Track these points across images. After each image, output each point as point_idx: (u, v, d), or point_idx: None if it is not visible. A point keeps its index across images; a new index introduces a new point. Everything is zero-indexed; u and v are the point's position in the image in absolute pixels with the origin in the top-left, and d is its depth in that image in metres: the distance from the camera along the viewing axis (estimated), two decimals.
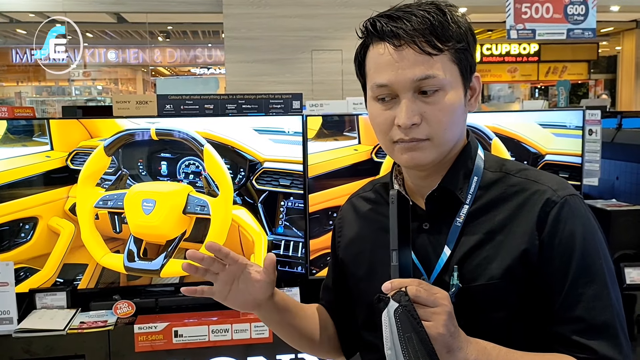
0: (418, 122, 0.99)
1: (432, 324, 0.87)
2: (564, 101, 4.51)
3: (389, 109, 1.01)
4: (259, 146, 2.28)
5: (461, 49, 1.01)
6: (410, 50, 0.97)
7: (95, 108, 5.65)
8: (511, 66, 13.27)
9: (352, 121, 2.35)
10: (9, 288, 2.12)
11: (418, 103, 0.99)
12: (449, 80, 1.00)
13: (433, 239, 1.06)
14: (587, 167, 2.56)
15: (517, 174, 1.08)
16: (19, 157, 2.19)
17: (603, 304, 0.98)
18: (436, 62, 0.98)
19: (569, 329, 0.98)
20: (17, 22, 10.29)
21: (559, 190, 1.02)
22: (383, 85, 1.00)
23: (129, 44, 12.85)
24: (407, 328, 0.84)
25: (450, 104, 1.00)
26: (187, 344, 2.16)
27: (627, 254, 2.41)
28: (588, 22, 4.93)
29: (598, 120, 2.65)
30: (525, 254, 0.99)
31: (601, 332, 0.97)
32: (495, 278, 0.99)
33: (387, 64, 0.99)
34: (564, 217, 1.00)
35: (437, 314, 0.88)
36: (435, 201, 1.07)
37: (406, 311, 0.85)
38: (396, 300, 0.86)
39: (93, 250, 2.25)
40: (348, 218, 1.25)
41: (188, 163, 2.26)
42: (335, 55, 6.88)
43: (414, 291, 0.88)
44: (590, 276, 0.98)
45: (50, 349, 2.10)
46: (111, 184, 2.25)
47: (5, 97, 12.96)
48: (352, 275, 1.20)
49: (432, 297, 0.89)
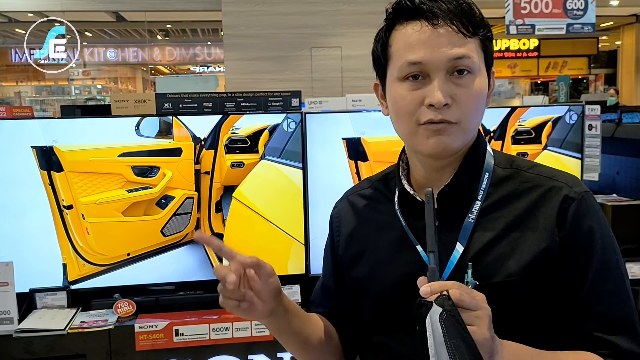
0: (450, 102, 0.97)
1: (477, 329, 0.83)
2: (564, 96, 4.51)
3: (417, 89, 0.99)
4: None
5: (488, 38, 1.02)
6: (447, 29, 0.97)
7: (94, 107, 5.65)
8: (511, 62, 13.28)
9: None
10: (9, 288, 2.12)
11: (450, 84, 0.98)
12: (478, 65, 1.00)
13: (444, 236, 1.02)
14: (587, 162, 2.55)
15: (529, 170, 1.07)
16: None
17: (621, 298, 0.98)
18: (470, 44, 0.99)
19: (590, 325, 0.98)
20: (16, 22, 10.29)
21: (574, 187, 1.02)
22: (416, 63, 0.98)
23: (128, 42, 12.86)
24: (454, 334, 0.79)
25: (479, 89, 1.00)
26: (188, 343, 2.16)
27: (629, 248, 2.42)
28: (588, 16, 4.92)
29: (598, 115, 2.64)
30: (546, 251, 0.98)
31: (621, 327, 0.97)
32: (514, 275, 0.98)
33: (422, 41, 0.98)
34: (583, 214, 1.00)
35: (480, 317, 0.84)
36: (448, 197, 1.05)
37: (451, 316, 0.80)
38: (439, 305, 0.81)
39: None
40: (346, 217, 1.22)
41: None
42: (334, 52, 6.88)
43: (457, 295, 0.83)
44: (608, 272, 0.99)
45: (51, 349, 2.10)
46: None
47: (5, 96, 12.97)
48: (354, 275, 1.17)
49: (474, 301, 0.85)
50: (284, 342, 1.15)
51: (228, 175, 2.30)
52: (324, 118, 2.37)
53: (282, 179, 2.33)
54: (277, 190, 2.33)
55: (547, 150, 2.45)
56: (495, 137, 2.41)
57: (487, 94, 1.05)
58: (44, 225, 2.21)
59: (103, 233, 2.24)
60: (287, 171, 2.32)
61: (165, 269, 2.30)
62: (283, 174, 2.32)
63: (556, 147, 2.45)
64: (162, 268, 2.30)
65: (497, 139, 2.41)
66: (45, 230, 2.21)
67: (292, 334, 1.12)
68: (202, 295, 2.33)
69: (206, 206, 2.30)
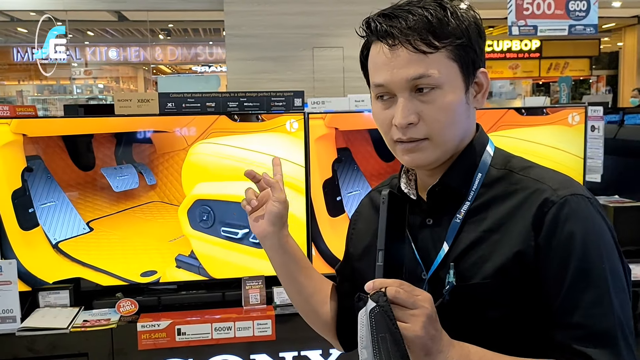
0: (415, 121, 0.98)
1: (409, 326, 0.85)
2: (565, 97, 4.51)
3: (387, 108, 1.01)
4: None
5: (461, 45, 0.98)
6: (404, 49, 0.97)
7: (96, 106, 5.66)
8: (513, 62, 13.26)
9: None
10: (12, 287, 2.12)
11: (415, 102, 0.98)
12: (446, 78, 0.98)
13: (435, 235, 1.05)
14: (590, 163, 2.55)
15: (520, 171, 1.05)
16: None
17: (603, 310, 0.94)
18: (432, 61, 0.97)
19: (566, 335, 0.95)
20: (18, 21, 10.29)
21: (559, 190, 0.99)
22: (380, 85, 1.00)
23: (130, 42, 12.86)
24: (382, 328, 0.83)
25: (448, 103, 0.98)
26: (190, 342, 2.17)
27: (630, 250, 2.42)
28: (590, 18, 4.92)
29: (600, 117, 2.64)
30: (519, 255, 0.97)
31: (600, 340, 0.93)
32: (488, 277, 0.98)
33: (383, 63, 0.99)
34: (563, 218, 0.96)
35: (415, 315, 0.86)
36: (437, 196, 1.06)
37: (382, 311, 0.84)
38: (374, 300, 0.85)
39: None
40: (364, 212, 1.25)
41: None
42: (336, 52, 6.88)
43: (393, 292, 0.86)
44: (590, 281, 0.94)
45: (54, 347, 2.11)
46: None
47: (7, 95, 12.97)
48: (358, 268, 1.20)
49: (411, 299, 0.87)
50: (280, 278, 1.23)
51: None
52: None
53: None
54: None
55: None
56: None
57: (468, 100, 1.02)
58: None
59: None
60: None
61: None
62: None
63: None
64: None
65: None
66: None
67: (285, 275, 1.21)
68: (205, 295, 2.34)
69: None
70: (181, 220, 2.33)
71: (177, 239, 2.33)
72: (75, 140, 2.27)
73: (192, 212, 2.34)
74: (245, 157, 2.33)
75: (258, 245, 2.35)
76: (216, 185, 2.33)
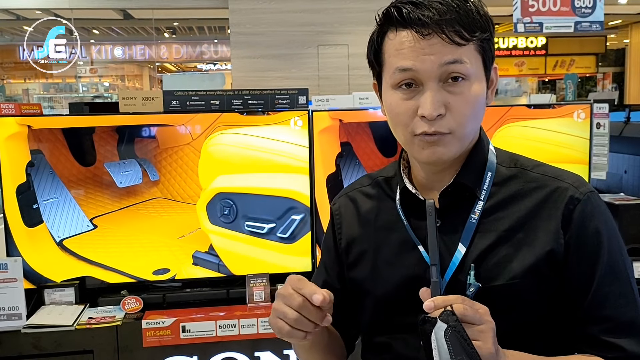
0: (443, 112, 0.94)
1: (482, 344, 0.82)
2: (571, 95, 4.49)
3: (410, 99, 0.96)
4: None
5: (486, 39, 0.98)
6: (437, 39, 0.93)
7: (102, 104, 5.68)
8: (518, 60, 13.21)
9: None
10: (18, 284, 2.13)
11: (443, 93, 0.94)
12: (474, 70, 0.96)
13: (446, 237, 1.01)
14: (595, 160, 2.54)
15: (533, 169, 1.04)
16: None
17: (628, 301, 0.97)
18: (464, 52, 0.95)
19: (597, 329, 0.96)
20: (24, 20, 10.32)
21: (580, 188, 1.00)
22: (407, 69, 0.95)
23: (135, 40, 12.88)
24: (459, 350, 0.78)
25: (475, 95, 0.96)
26: (195, 339, 2.17)
27: (635, 247, 2.41)
28: (596, 14, 4.89)
29: (606, 114, 2.63)
30: (551, 254, 0.97)
31: (628, 330, 0.96)
32: (517, 278, 0.96)
33: (411, 49, 0.95)
34: (589, 215, 0.97)
35: (484, 332, 0.83)
36: (450, 197, 1.03)
37: (456, 332, 0.79)
38: (444, 321, 0.80)
39: None
40: (347, 214, 1.18)
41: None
42: (341, 50, 6.86)
43: (461, 309, 0.82)
44: (615, 274, 0.97)
45: (59, 344, 2.11)
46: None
47: (13, 94, 13.01)
48: (354, 276, 1.14)
49: (477, 315, 0.84)
50: (307, 356, 1.13)
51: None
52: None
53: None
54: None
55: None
56: None
57: (486, 95, 1.02)
58: None
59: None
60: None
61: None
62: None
63: None
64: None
65: None
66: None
67: (322, 348, 1.12)
68: (209, 292, 2.35)
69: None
70: (199, 214, 2.31)
71: (187, 235, 2.32)
72: (77, 134, 2.26)
73: (212, 206, 2.30)
74: (270, 147, 2.28)
75: (285, 240, 2.34)
76: (239, 177, 2.29)
